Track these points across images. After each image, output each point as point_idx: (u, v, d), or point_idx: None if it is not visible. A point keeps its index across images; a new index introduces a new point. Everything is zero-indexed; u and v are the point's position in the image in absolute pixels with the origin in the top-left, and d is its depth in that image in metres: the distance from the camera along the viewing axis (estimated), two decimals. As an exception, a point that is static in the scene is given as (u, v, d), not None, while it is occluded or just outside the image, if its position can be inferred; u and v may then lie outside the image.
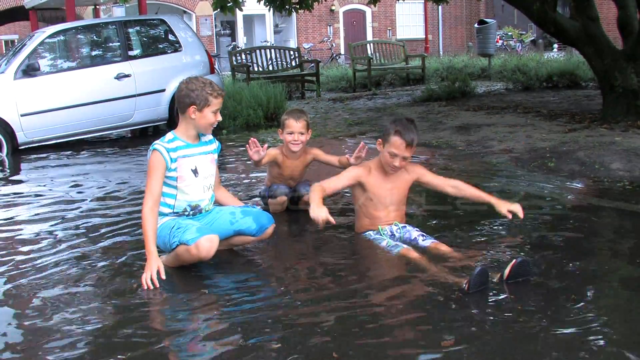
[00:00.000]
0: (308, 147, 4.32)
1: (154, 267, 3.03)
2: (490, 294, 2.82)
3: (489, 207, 3.51)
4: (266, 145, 3.96)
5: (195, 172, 3.29)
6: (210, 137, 3.45)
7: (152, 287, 2.98)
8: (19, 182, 6.23)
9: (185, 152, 3.27)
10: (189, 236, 3.10)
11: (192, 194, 3.31)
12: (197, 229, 3.14)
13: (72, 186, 5.62)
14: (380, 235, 3.50)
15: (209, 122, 3.25)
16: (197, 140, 3.36)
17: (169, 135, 3.31)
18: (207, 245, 3.10)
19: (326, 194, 3.41)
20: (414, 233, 3.51)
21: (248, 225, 3.36)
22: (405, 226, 3.57)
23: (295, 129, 4.10)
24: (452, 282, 2.92)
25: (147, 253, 3.10)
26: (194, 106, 3.19)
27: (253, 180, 5.49)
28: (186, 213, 3.32)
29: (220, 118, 3.28)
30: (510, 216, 3.40)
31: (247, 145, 3.90)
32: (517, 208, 3.41)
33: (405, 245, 3.36)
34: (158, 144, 3.24)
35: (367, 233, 3.57)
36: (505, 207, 3.42)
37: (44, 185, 5.73)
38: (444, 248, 3.34)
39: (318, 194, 3.30)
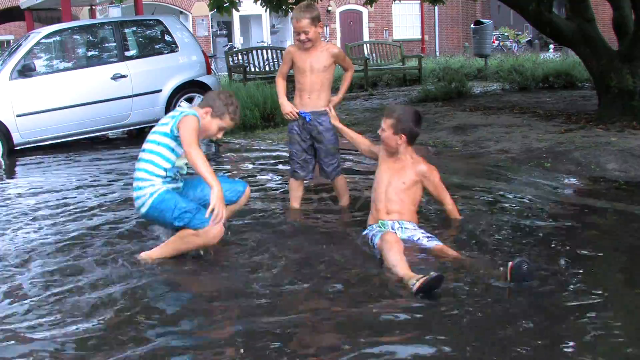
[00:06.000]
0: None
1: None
2: (490, 292, 2.83)
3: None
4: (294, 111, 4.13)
5: None
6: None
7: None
8: (16, 183, 6.21)
9: None
10: (198, 222, 3.21)
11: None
12: (202, 213, 3.21)
13: (68, 187, 5.60)
14: (380, 228, 3.40)
15: (210, 130, 3.43)
16: None
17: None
18: (219, 233, 3.23)
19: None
20: (418, 234, 3.39)
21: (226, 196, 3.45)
22: (407, 228, 3.43)
23: (300, 28, 3.94)
24: (410, 277, 2.85)
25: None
26: (211, 110, 3.42)
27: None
28: (175, 177, 3.49)
29: (219, 136, 3.51)
30: None
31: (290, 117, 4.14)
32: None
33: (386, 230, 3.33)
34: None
35: (369, 227, 3.53)
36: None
37: (40, 186, 5.71)
38: (450, 252, 3.22)
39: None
